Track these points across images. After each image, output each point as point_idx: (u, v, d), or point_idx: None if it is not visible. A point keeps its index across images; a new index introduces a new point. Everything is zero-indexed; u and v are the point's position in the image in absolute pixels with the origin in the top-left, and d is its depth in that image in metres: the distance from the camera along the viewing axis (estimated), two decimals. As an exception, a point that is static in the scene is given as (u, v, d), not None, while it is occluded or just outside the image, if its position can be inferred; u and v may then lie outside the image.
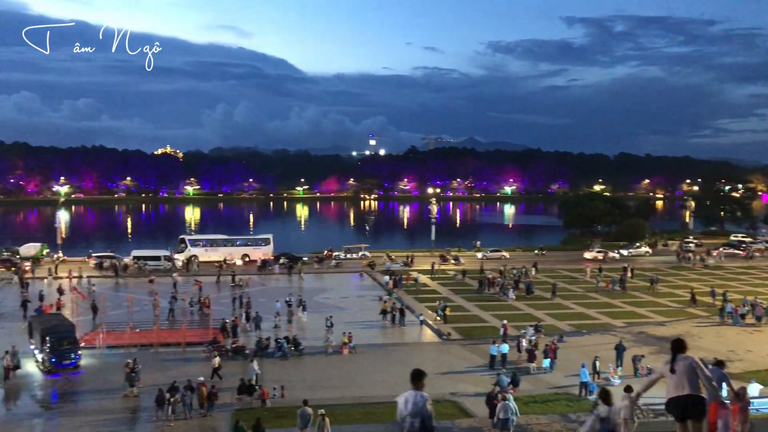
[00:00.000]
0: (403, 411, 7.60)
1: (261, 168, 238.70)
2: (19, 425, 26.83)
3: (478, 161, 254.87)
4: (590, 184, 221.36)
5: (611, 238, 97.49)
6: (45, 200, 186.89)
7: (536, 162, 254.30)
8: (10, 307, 48.43)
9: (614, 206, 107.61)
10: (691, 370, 8.18)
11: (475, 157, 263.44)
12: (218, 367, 32.00)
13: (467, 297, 53.73)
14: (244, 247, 73.40)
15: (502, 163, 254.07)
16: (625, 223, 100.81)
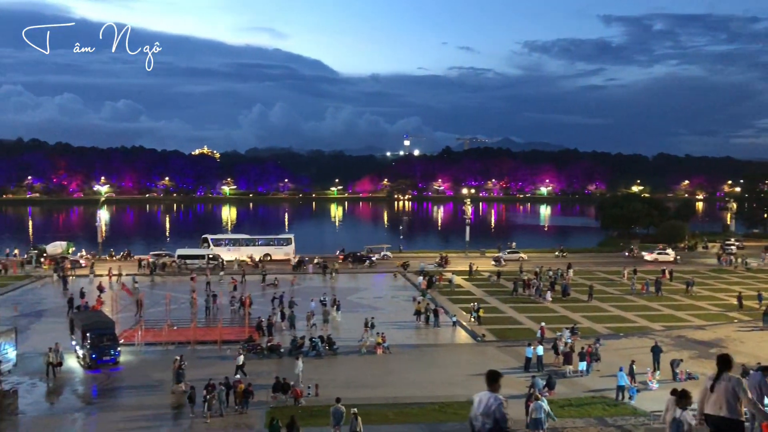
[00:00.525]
0: (475, 410, 7.65)
1: (296, 168, 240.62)
2: (61, 419, 27.48)
3: (514, 162, 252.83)
4: (628, 185, 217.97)
5: (649, 240, 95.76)
6: (86, 199, 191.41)
7: (573, 162, 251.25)
8: (51, 304, 49.68)
9: (653, 207, 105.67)
10: (732, 394, 8.01)
11: (511, 158, 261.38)
12: (242, 364, 32.33)
13: (502, 298, 53.34)
14: (266, 246, 74.04)
15: (538, 163, 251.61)
16: (663, 224, 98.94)
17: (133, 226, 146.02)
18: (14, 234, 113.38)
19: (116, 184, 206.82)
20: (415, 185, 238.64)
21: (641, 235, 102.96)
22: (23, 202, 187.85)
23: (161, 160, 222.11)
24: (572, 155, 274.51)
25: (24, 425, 26.63)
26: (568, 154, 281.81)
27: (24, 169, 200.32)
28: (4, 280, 59.21)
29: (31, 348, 36.32)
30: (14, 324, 38.12)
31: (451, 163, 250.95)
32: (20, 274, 62.60)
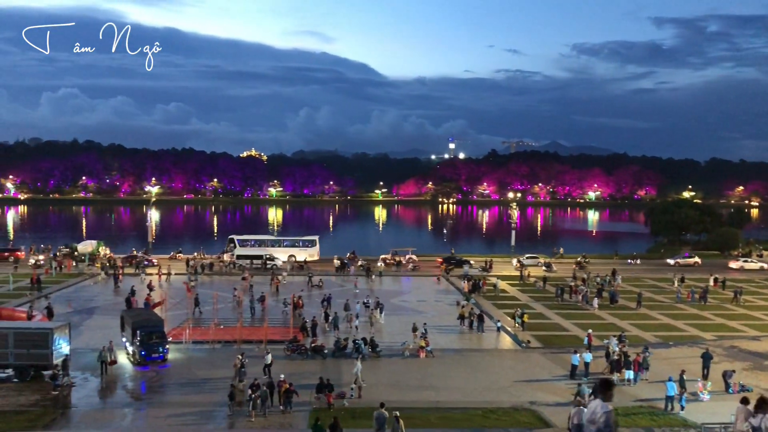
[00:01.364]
0: (585, 417, 7.79)
1: (341, 171, 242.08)
2: (111, 414, 28.21)
3: (562, 166, 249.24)
4: (679, 191, 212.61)
5: (701, 247, 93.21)
6: (137, 200, 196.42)
7: (622, 167, 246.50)
8: (103, 302, 51.07)
9: (705, 214, 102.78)
10: None
11: (559, 162, 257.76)
12: (270, 363, 32.60)
13: (548, 304, 52.64)
14: (291, 248, 74.77)
15: (587, 167, 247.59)
16: (716, 231, 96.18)
17: (182, 226, 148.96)
18: (69, 232, 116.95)
19: (166, 185, 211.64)
20: (460, 189, 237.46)
21: (693, 242, 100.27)
22: (77, 202, 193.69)
23: (210, 161, 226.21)
24: (621, 160, 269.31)
25: (76, 418, 27.42)
26: (617, 158, 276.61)
27: (79, 169, 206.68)
28: (59, 277, 61.13)
29: (83, 344, 37.39)
30: (68, 320, 39.28)
31: (497, 166, 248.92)
32: (74, 271, 64.51)
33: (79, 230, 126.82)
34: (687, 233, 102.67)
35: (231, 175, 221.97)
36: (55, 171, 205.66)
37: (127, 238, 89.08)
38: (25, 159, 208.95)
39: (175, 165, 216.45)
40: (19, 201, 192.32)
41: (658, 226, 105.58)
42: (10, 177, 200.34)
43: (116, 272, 60.77)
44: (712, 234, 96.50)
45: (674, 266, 74.65)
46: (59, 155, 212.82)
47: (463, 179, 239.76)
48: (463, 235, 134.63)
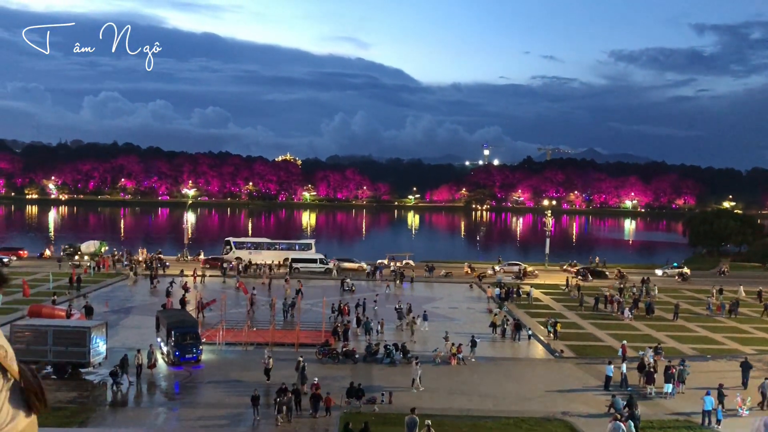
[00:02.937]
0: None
1: (375, 176, 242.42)
2: (145, 412, 28.66)
3: (598, 173, 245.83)
4: (719, 201, 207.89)
5: (741, 258, 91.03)
6: (174, 202, 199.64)
7: (660, 176, 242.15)
8: (139, 302, 51.94)
9: (746, 224, 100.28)
10: None
11: (595, 169, 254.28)
12: (270, 368, 32.70)
13: (582, 314, 51.92)
14: (287, 251, 75.01)
15: (624, 175, 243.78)
16: (757, 242, 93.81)
17: (217, 228, 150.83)
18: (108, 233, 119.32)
19: (203, 188, 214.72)
20: (494, 195, 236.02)
21: (733, 253, 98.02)
22: (116, 203, 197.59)
23: (246, 165, 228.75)
24: (659, 168, 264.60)
25: (111, 416, 27.89)
26: (655, 166, 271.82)
27: (118, 171, 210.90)
28: (97, 276, 62.35)
29: (119, 343, 38.02)
30: (105, 319, 40.03)
31: (532, 173, 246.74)
32: (111, 271, 65.73)
33: (117, 231, 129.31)
34: (727, 244, 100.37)
35: (266, 179, 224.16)
36: (95, 173, 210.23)
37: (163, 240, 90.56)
38: (67, 161, 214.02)
39: (211, 168, 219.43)
40: (60, 202, 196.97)
41: (696, 237, 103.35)
42: (52, 178, 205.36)
43: (152, 273, 61.76)
44: (753, 245, 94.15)
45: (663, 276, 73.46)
46: (99, 157, 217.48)
47: (497, 186, 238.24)
48: (497, 242, 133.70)
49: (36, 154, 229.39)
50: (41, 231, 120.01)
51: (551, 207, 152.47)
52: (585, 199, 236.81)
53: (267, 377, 32.14)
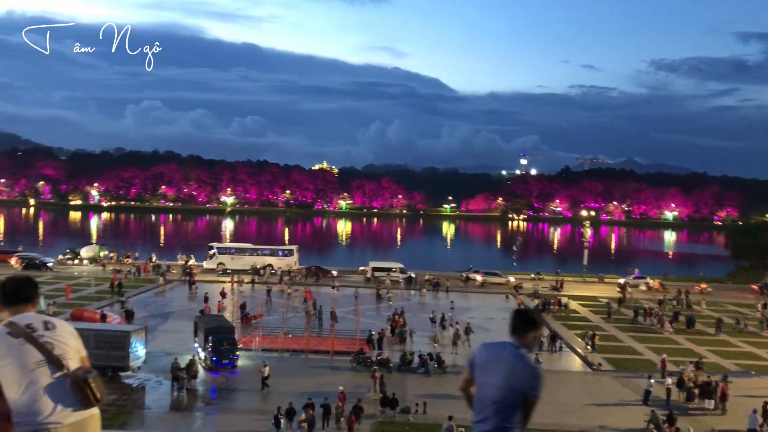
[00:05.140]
0: None
1: (410, 185, 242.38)
2: (182, 416, 29.06)
3: (638, 184, 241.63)
4: (763, 213, 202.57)
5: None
6: (213, 209, 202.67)
7: (701, 187, 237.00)
8: (178, 307, 52.75)
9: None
10: None
11: (634, 180, 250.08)
12: (267, 376, 32.69)
13: (621, 326, 51.03)
14: (269, 256, 75.06)
15: (664, 186, 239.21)
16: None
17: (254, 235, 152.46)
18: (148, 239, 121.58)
19: (241, 196, 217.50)
20: (531, 205, 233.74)
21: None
22: (156, 210, 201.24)
23: (283, 174, 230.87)
24: (701, 179, 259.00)
25: (149, 420, 28.35)
26: (696, 177, 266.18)
27: (158, 178, 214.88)
28: (137, 282, 63.51)
29: (158, 348, 38.64)
30: (144, 324, 40.75)
31: (570, 183, 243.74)
32: (151, 276, 66.89)
33: (157, 237, 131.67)
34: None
35: (303, 187, 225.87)
36: (137, 180, 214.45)
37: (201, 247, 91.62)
38: (110, 168, 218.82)
39: (250, 176, 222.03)
40: (102, 208, 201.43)
41: (739, 249, 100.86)
42: (95, 185, 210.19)
43: (191, 279, 62.66)
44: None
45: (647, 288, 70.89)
46: (141, 165, 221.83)
47: (534, 196, 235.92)
48: (534, 252, 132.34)
49: (80, 161, 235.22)
50: (84, 236, 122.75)
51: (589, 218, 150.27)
52: (624, 210, 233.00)
53: (263, 386, 32.13)
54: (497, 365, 4.30)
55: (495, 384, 4.26)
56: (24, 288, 4.12)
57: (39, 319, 3.99)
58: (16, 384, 3.74)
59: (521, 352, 4.36)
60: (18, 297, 4.08)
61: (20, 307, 4.06)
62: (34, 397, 3.77)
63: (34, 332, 3.91)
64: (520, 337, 4.45)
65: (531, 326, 4.48)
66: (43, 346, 3.87)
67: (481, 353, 4.48)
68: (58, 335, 3.98)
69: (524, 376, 4.24)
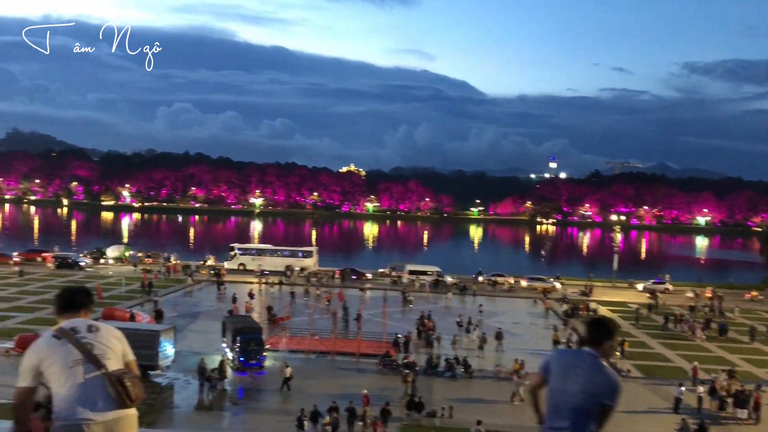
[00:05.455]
0: None
1: (438, 188, 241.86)
2: (209, 416, 29.33)
3: (669, 188, 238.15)
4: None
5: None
6: (241, 210, 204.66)
7: (735, 192, 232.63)
8: (207, 307, 53.29)
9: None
10: None
11: (666, 184, 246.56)
12: (289, 377, 32.71)
13: (651, 333, 50.27)
14: (290, 258, 75.08)
15: (696, 191, 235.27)
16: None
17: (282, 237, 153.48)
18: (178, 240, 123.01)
19: (269, 197, 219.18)
20: (560, 209, 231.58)
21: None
22: (186, 211, 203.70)
23: (311, 176, 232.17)
24: (735, 184, 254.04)
25: (177, 418, 28.66)
26: (730, 182, 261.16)
27: (189, 180, 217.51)
28: (167, 282, 64.30)
29: (186, 347, 39.06)
30: (173, 323, 41.23)
31: (600, 187, 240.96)
32: (181, 276, 67.66)
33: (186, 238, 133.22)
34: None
35: (330, 190, 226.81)
36: (167, 181, 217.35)
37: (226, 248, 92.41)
38: (141, 169, 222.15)
39: (278, 178, 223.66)
40: (133, 208, 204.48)
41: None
42: (127, 186, 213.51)
43: (219, 279, 63.29)
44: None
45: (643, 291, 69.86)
46: (172, 166, 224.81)
47: (563, 199, 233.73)
48: (563, 257, 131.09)
49: (112, 162, 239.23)
50: (116, 236, 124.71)
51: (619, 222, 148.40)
52: (655, 215, 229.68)
53: (286, 387, 32.28)
54: (576, 373, 4.38)
55: (573, 391, 4.33)
56: (77, 297, 4.41)
57: (84, 323, 4.26)
58: (59, 381, 3.99)
59: (600, 362, 4.43)
60: (72, 305, 4.37)
61: (74, 314, 4.33)
62: (72, 393, 3.97)
63: (76, 334, 4.16)
64: (596, 346, 4.51)
65: (607, 335, 4.56)
66: (84, 347, 4.10)
67: (558, 360, 4.57)
68: (100, 337, 4.22)
69: (603, 385, 4.32)
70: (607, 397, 4.29)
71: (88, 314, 4.41)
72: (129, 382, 4.05)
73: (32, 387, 4.03)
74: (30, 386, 4.03)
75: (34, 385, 4.03)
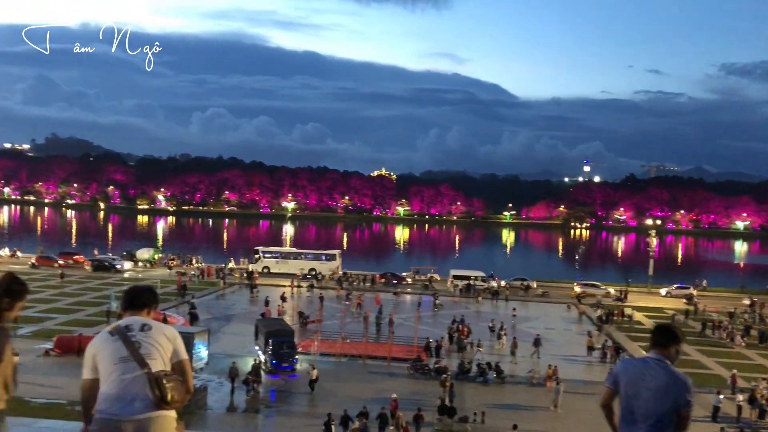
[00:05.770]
0: None
1: (469, 191, 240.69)
2: (242, 418, 29.57)
3: (707, 192, 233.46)
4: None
5: None
6: (273, 214, 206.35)
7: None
8: (240, 310, 53.77)
9: None
10: None
11: (703, 188, 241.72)
12: (315, 379, 32.56)
13: (688, 340, 49.22)
14: (313, 261, 75.30)
15: (735, 195, 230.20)
16: None
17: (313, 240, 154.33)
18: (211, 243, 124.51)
19: (301, 201, 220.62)
20: (594, 213, 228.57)
21: None
22: (219, 215, 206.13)
23: (342, 180, 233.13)
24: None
25: (210, 420, 28.94)
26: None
27: (222, 184, 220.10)
28: (201, 284, 65.06)
29: (220, 349, 39.43)
30: (207, 326, 41.67)
31: (635, 191, 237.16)
32: (215, 279, 68.41)
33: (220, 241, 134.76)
34: None
35: (361, 194, 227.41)
36: (201, 185, 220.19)
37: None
38: (176, 173, 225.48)
39: (310, 182, 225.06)
40: (168, 212, 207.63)
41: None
42: (162, 189, 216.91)
43: (252, 282, 63.85)
44: None
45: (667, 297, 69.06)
46: (206, 170, 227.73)
47: (597, 203, 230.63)
48: (596, 262, 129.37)
49: (148, 166, 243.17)
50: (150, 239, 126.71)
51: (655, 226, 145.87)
52: (692, 219, 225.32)
53: (311, 389, 32.28)
54: (647, 381, 4.45)
55: (646, 398, 4.40)
56: (139, 296, 4.56)
57: (140, 322, 4.37)
58: (105, 376, 4.15)
59: (669, 365, 4.50)
60: (135, 303, 4.51)
61: (136, 312, 4.47)
62: (112, 389, 4.10)
63: (128, 332, 4.27)
64: (662, 351, 4.59)
65: (674, 340, 4.65)
66: (132, 345, 4.20)
67: (626, 370, 4.64)
68: (149, 336, 4.28)
69: (677, 390, 4.39)
70: (682, 399, 4.35)
71: (150, 313, 4.53)
72: (169, 384, 4.09)
73: (93, 378, 4.21)
74: (90, 378, 4.23)
75: (95, 377, 4.20)
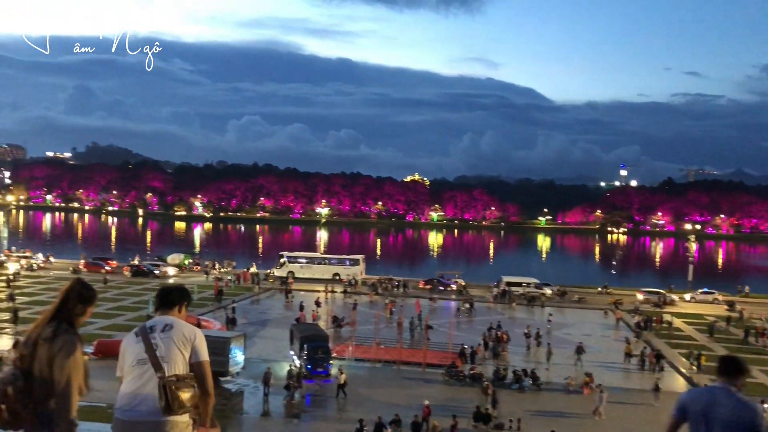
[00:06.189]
0: None
1: (503, 197, 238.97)
2: (278, 423, 29.78)
3: (748, 196, 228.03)
4: None
5: None
6: (307, 220, 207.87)
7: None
8: (276, 315, 54.21)
9: None
10: None
11: (744, 192, 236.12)
12: (344, 383, 32.42)
13: (730, 347, 48.12)
14: (337, 266, 75.38)
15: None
16: None
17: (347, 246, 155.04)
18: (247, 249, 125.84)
19: (335, 207, 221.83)
20: (631, 218, 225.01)
21: None
22: (254, 221, 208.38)
23: (376, 185, 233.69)
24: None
25: (246, 424, 29.24)
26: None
27: (257, 190, 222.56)
28: (237, 290, 65.76)
29: (255, 354, 39.79)
30: (243, 330, 42.08)
31: (673, 195, 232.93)
32: (250, 284, 69.08)
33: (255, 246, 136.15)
34: None
35: (395, 199, 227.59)
36: (237, 191, 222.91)
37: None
38: (212, 180, 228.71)
39: (343, 188, 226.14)
40: (204, 218, 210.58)
41: None
42: (198, 196, 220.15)
43: (287, 287, 64.35)
44: None
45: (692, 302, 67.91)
46: (241, 177, 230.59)
47: (635, 208, 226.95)
48: (634, 267, 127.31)
49: (185, 174, 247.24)
50: (188, 245, 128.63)
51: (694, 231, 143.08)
52: (732, 224, 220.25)
53: (342, 393, 32.34)
54: (718, 411, 4.53)
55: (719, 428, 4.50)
56: (168, 294, 4.59)
57: (164, 322, 4.37)
58: (126, 376, 4.24)
59: (738, 395, 4.60)
60: (165, 303, 4.54)
61: (167, 311, 4.50)
62: (128, 390, 4.17)
63: (151, 333, 4.29)
64: (729, 380, 4.74)
65: (742, 371, 4.84)
66: (150, 346, 4.21)
67: (695, 400, 4.81)
68: (168, 337, 4.28)
69: (749, 419, 4.47)
70: (754, 428, 4.42)
71: (182, 311, 4.55)
72: (181, 390, 4.04)
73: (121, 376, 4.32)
74: (120, 376, 4.33)
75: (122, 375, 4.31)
